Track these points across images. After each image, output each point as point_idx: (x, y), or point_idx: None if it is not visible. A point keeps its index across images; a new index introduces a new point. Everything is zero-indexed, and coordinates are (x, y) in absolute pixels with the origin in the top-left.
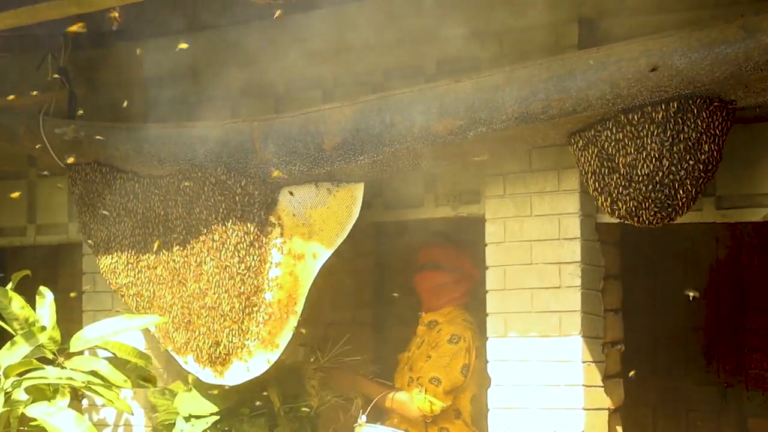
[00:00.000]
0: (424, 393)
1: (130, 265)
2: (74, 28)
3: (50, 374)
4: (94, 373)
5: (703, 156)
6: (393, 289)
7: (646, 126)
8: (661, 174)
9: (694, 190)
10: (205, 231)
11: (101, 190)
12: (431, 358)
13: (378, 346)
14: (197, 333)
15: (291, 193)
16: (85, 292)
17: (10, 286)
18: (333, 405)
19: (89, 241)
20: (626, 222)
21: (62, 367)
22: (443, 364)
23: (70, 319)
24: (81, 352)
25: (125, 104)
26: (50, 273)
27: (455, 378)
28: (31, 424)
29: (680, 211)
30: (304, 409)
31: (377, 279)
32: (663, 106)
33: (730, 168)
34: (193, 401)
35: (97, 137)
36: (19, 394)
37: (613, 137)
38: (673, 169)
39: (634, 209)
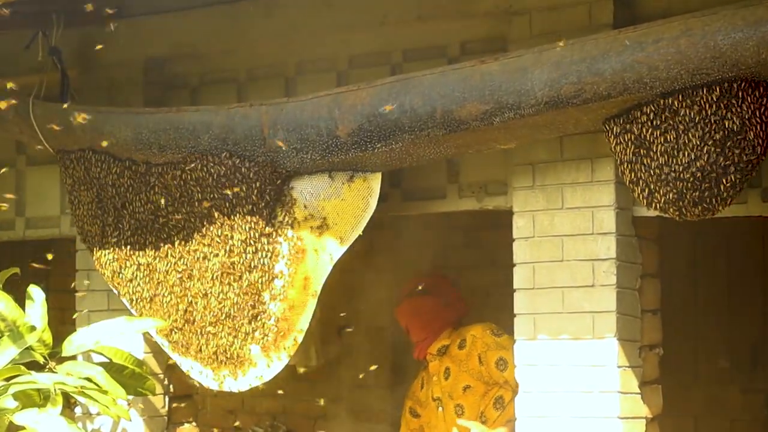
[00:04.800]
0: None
1: (127, 262)
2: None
3: (40, 379)
4: (87, 380)
5: (747, 144)
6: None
7: (687, 111)
8: (702, 163)
9: (738, 180)
10: (210, 225)
11: (95, 180)
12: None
13: (396, 355)
14: (201, 335)
15: (303, 184)
16: (78, 291)
17: None
18: None
19: (83, 235)
20: (665, 215)
21: (53, 373)
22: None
23: (62, 320)
24: (74, 357)
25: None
26: (41, 271)
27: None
28: None
29: (723, 204)
30: None
31: (396, 279)
32: (705, 91)
33: None
34: None
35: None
36: (7, 401)
37: (650, 123)
38: (716, 158)
39: (673, 201)
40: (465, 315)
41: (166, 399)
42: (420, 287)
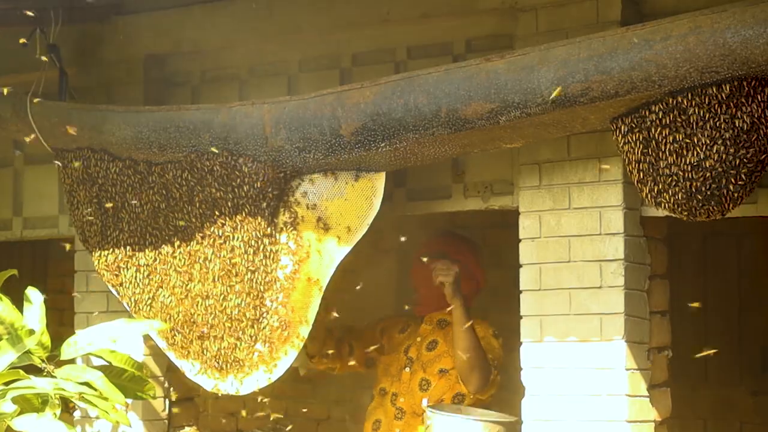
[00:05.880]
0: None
1: (127, 263)
2: None
3: (38, 383)
4: (87, 385)
5: (758, 143)
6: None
7: (696, 110)
8: (711, 163)
9: (748, 180)
10: (211, 225)
11: (94, 179)
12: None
13: None
14: (203, 338)
15: (305, 183)
16: (77, 293)
17: None
18: None
19: (82, 236)
20: (673, 215)
21: (52, 376)
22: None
23: (60, 322)
24: (73, 360)
25: None
26: (39, 271)
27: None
28: None
29: (733, 204)
30: None
31: (399, 279)
32: (714, 89)
33: None
34: None
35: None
36: (5, 405)
37: (659, 122)
38: (725, 157)
39: (682, 201)
40: (480, 288)
41: (167, 402)
42: (439, 252)
